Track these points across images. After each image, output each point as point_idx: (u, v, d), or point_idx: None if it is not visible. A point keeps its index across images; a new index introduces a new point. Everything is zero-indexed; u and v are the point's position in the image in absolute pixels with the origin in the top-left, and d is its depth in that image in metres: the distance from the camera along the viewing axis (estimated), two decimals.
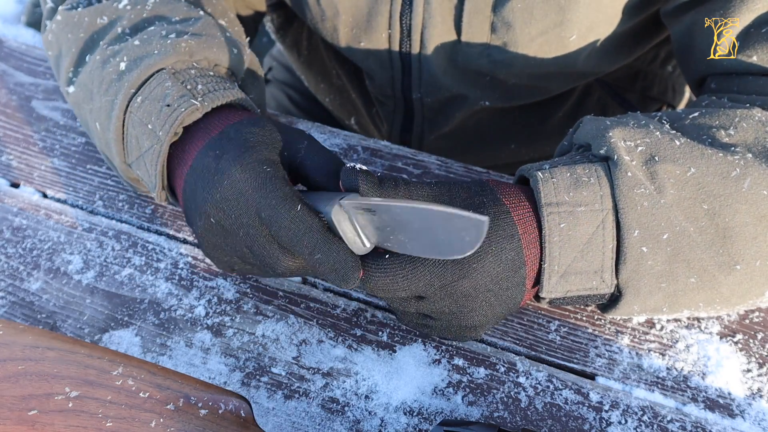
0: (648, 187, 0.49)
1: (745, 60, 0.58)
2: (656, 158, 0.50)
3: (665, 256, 0.50)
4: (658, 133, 0.52)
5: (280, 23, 0.90)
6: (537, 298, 0.55)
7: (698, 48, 0.62)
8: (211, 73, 0.57)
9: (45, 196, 0.68)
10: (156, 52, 0.56)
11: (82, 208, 0.67)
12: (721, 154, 0.51)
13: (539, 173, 0.51)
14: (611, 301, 0.54)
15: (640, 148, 0.51)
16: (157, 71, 0.55)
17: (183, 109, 0.53)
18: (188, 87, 0.55)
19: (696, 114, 0.55)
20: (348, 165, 0.50)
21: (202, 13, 0.62)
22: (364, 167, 0.49)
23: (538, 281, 0.52)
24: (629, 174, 0.49)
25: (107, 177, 0.69)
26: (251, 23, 0.77)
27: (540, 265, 0.51)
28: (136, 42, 0.57)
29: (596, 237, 0.50)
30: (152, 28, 0.59)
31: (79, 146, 0.71)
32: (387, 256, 0.49)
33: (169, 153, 0.55)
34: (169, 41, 0.57)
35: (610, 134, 0.51)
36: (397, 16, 0.68)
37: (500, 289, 0.50)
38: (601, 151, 0.51)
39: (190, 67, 0.57)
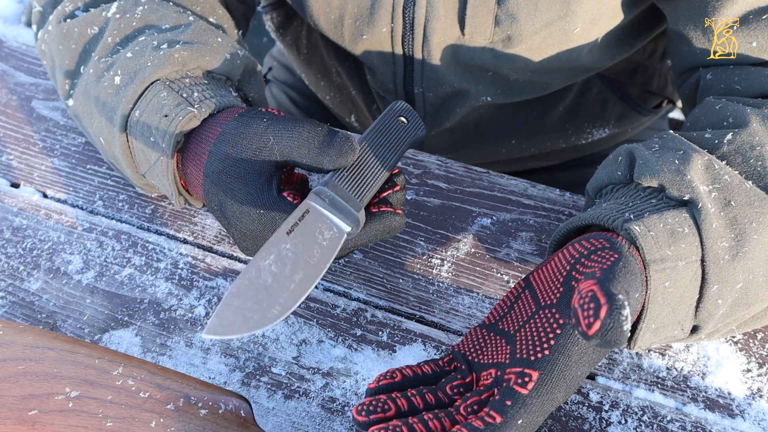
0: (727, 238, 0.48)
1: (744, 48, 0.57)
2: (732, 203, 0.49)
3: (731, 301, 0.50)
4: (726, 176, 0.50)
5: (280, 22, 0.90)
6: None
7: (692, 35, 0.61)
8: (206, 81, 0.58)
9: (45, 196, 0.68)
10: (149, 64, 0.56)
11: (82, 208, 0.67)
12: None
13: (635, 227, 0.47)
14: None
15: (714, 194, 0.49)
16: (152, 83, 0.56)
17: (181, 118, 0.54)
18: (184, 95, 0.55)
19: (730, 137, 0.53)
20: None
21: (191, 18, 0.62)
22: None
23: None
24: (714, 225, 0.47)
25: (107, 177, 0.69)
26: (242, 18, 0.77)
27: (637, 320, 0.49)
28: (129, 54, 0.58)
29: (688, 290, 0.48)
30: (143, 38, 0.59)
31: (79, 146, 0.72)
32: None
33: (179, 157, 0.56)
34: (161, 52, 0.57)
35: (689, 177, 0.49)
36: (400, 9, 0.68)
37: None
38: (685, 197, 0.49)
39: (184, 76, 0.57)
